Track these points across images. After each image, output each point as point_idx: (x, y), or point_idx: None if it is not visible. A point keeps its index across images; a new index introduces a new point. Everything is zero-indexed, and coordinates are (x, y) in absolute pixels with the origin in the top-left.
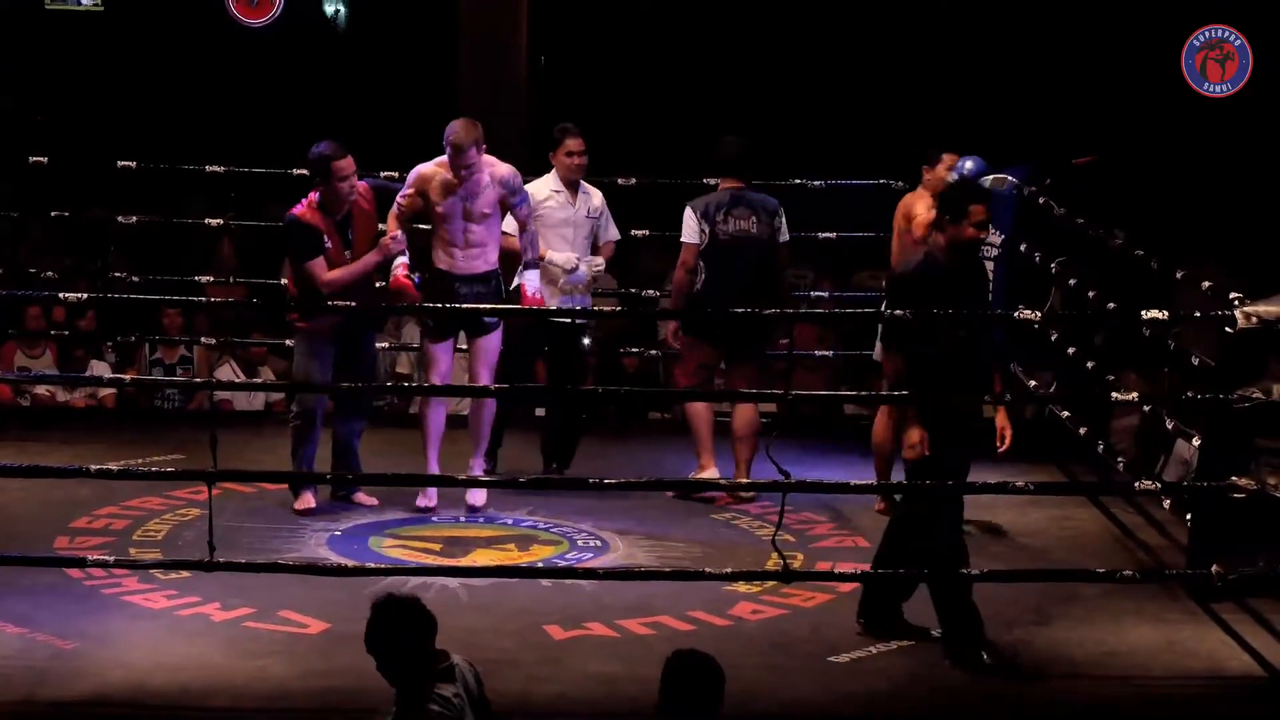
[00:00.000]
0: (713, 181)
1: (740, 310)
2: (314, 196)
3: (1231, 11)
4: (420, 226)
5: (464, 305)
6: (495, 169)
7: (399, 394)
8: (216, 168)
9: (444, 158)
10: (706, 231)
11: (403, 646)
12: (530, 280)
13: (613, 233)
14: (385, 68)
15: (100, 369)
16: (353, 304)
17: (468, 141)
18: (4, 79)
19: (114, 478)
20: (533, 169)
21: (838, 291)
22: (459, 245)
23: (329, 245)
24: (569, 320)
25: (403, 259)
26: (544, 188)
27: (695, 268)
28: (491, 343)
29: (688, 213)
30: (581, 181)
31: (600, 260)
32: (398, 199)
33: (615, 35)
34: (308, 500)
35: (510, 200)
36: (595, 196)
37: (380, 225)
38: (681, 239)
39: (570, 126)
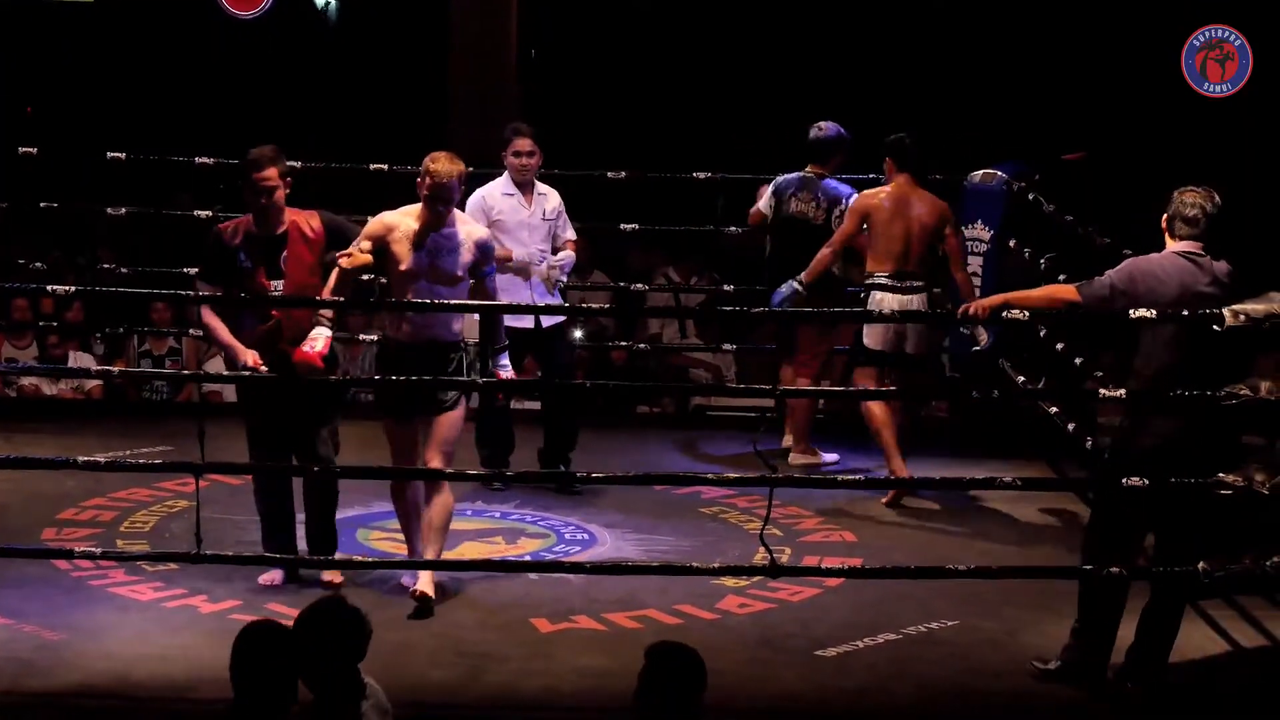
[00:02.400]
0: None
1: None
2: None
3: (1231, 11)
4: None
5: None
6: (472, 229)
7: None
8: (206, 159)
9: (411, 207)
10: (771, 206)
11: (333, 660)
12: (505, 367)
13: (569, 233)
14: (376, 60)
15: (84, 360)
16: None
17: (452, 173)
18: None
19: (101, 470)
20: None
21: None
22: (419, 310)
23: (246, 265)
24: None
25: (327, 334)
26: (497, 191)
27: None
28: (449, 421)
29: (768, 186)
30: (536, 182)
31: (563, 258)
32: (343, 254)
33: (606, 28)
34: (273, 576)
35: (482, 268)
36: (552, 198)
37: (312, 262)
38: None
39: (521, 126)
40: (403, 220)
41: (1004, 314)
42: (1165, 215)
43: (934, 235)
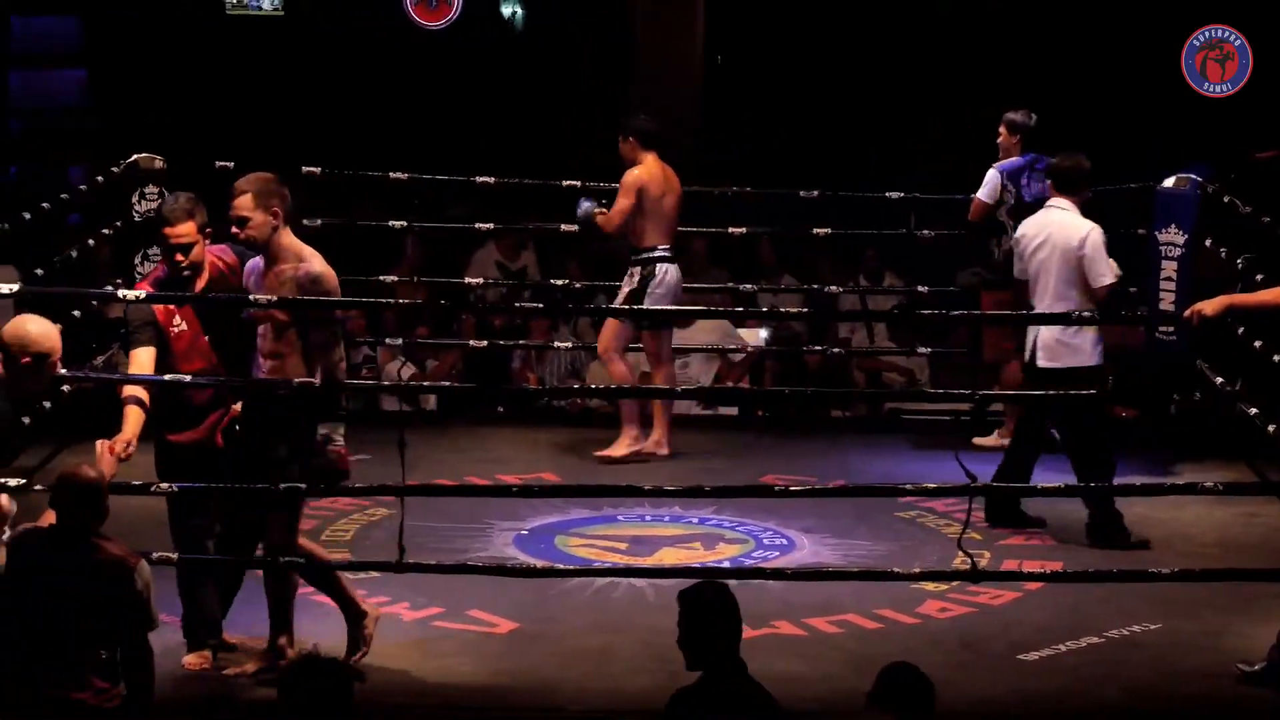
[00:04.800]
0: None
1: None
2: (161, 270)
3: (1231, 11)
4: None
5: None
6: (307, 264)
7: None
8: (400, 175)
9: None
10: (999, 193)
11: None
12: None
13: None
14: (561, 70)
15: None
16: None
17: (243, 188)
18: (187, 85)
19: (317, 494)
20: (707, 171)
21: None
22: (264, 356)
23: (173, 331)
24: None
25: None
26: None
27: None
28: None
29: (991, 173)
30: None
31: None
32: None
33: (790, 33)
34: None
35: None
36: None
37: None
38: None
39: None
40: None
41: (1228, 318)
42: None
43: None
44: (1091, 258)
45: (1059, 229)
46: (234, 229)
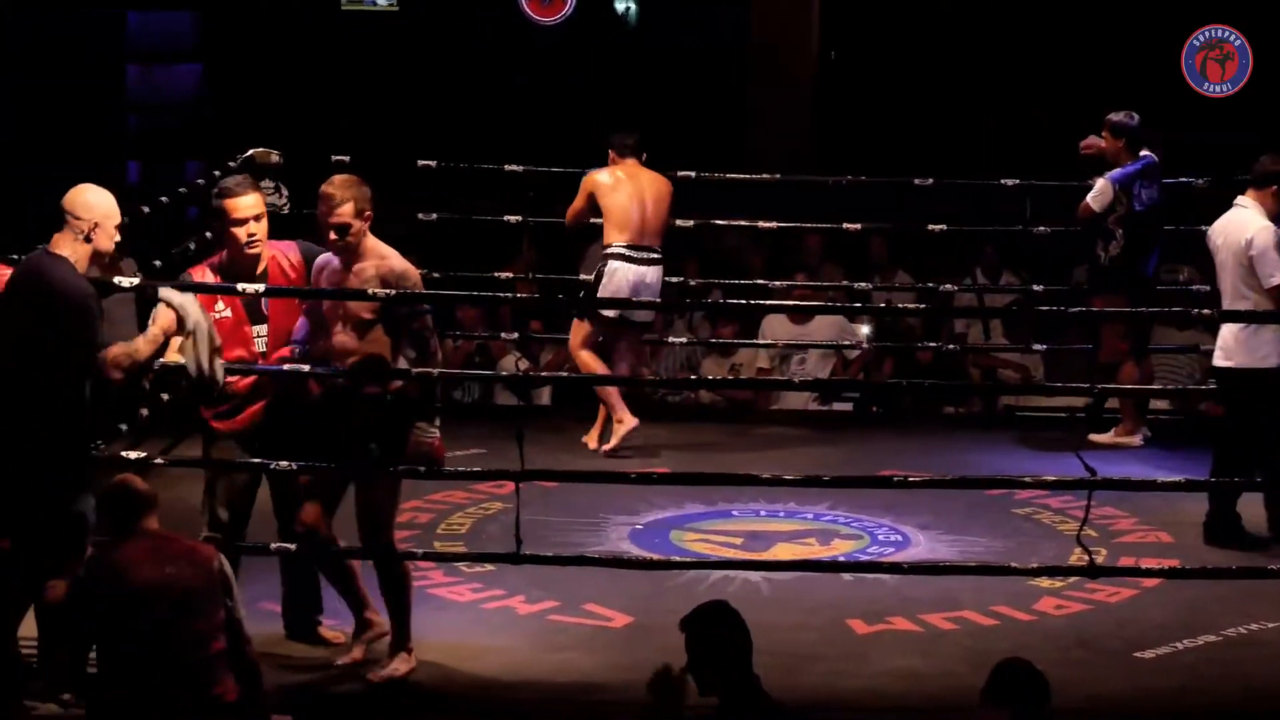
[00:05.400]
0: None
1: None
2: (221, 255)
3: (1231, 11)
4: None
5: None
6: (389, 261)
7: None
8: (515, 167)
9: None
10: (1125, 202)
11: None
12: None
13: None
14: (674, 64)
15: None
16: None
17: (344, 196)
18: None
19: (420, 478)
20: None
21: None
22: (335, 356)
23: (214, 317)
24: None
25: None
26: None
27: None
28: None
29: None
30: None
31: None
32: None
33: (905, 29)
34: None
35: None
36: None
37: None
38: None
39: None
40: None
41: None
42: None
43: None
44: (1259, 257)
45: (1234, 228)
46: (333, 235)
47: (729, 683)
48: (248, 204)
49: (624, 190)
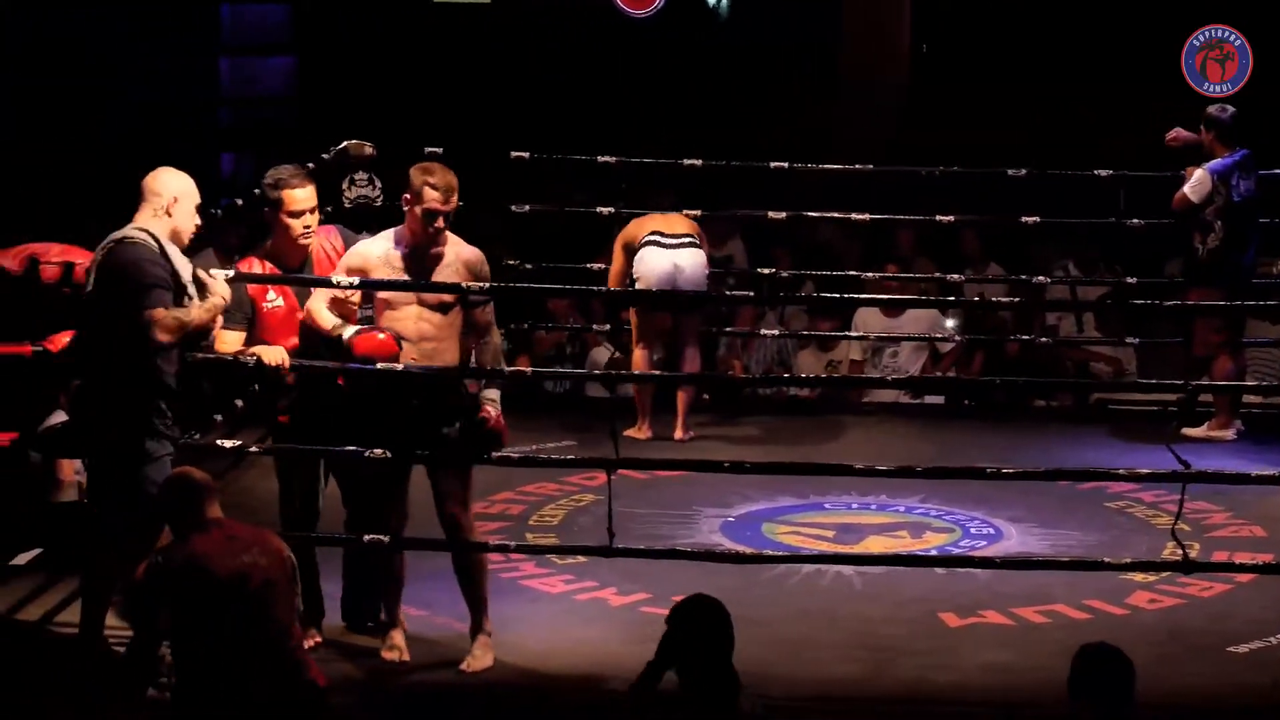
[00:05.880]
0: None
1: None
2: (267, 244)
3: (1231, 11)
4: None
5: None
6: (465, 247)
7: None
8: (608, 158)
9: (395, 230)
10: (1208, 193)
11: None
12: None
13: None
14: (766, 58)
15: None
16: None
17: (455, 185)
18: (394, 71)
19: (513, 465)
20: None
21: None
22: (409, 340)
23: (266, 307)
24: None
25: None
26: None
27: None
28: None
29: (1201, 173)
30: None
31: None
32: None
33: (996, 22)
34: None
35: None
36: None
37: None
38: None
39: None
40: (384, 248)
41: None
42: None
43: None
44: None
45: None
46: (439, 223)
47: (708, 678)
48: (305, 196)
49: (648, 217)
